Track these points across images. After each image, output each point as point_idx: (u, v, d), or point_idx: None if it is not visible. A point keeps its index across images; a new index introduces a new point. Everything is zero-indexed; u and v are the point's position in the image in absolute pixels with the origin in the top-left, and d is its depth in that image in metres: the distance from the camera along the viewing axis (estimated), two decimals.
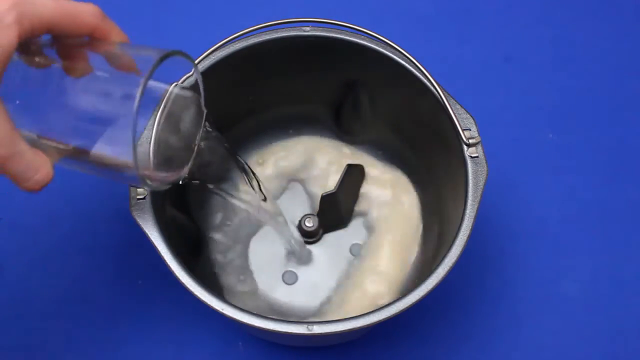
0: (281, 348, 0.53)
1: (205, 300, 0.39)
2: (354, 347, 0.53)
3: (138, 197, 0.42)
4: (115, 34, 0.36)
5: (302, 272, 0.52)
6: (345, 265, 0.52)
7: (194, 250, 0.51)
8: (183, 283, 0.40)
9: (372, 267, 0.51)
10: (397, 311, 0.39)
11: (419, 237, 0.52)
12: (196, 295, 0.39)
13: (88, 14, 0.34)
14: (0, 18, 0.31)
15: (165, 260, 0.40)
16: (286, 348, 0.53)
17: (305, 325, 0.39)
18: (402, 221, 0.53)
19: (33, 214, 0.56)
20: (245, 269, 0.52)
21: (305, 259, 0.51)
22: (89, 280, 0.54)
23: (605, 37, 0.64)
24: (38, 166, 0.33)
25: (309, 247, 0.52)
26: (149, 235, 0.41)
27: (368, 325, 0.39)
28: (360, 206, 0.53)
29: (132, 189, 0.42)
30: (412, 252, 0.52)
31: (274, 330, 0.39)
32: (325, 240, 0.53)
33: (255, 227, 0.53)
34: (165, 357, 0.52)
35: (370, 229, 0.53)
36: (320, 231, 0.53)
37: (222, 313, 0.39)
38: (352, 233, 0.53)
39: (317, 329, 0.38)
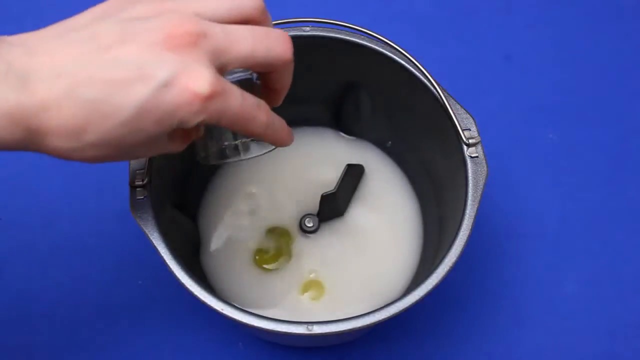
0: (281, 348, 0.53)
1: (205, 300, 0.39)
2: (354, 347, 0.53)
3: (138, 197, 0.42)
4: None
5: (301, 267, 0.52)
6: (341, 264, 0.52)
7: (194, 250, 0.51)
8: (183, 283, 0.40)
9: (371, 265, 0.51)
10: (397, 311, 0.39)
11: (418, 237, 0.52)
12: (196, 296, 0.39)
13: (281, 49, 0.34)
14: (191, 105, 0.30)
15: (165, 260, 0.40)
16: (286, 348, 0.53)
17: (305, 326, 0.39)
18: (402, 221, 0.53)
19: (33, 214, 0.56)
20: (245, 267, 0.52)
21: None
22: (89, 280, 0.54)
23: (605, 36, 0.64)
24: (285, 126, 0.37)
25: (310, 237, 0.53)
26: (149, 235, 0.41)
27: (368, 325, 0.39)
28: (359, 205, 0.53)
29: (132, 189, 0.42)
30: (412, 251, 0.52)
31: (274, 330, 0.38)
32: (323, 235, 0.53)
33: (255, 225, 0.53)
34: (165, 357, 0.52)
35: (369, 228, 0.53)
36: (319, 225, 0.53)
37: (222, 313, 0.39)
38: (350, 231, 0.53)
39: (317, 329, 0.38)
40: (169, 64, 0.29)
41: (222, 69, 0.32)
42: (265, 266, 0.51)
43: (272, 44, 0.33)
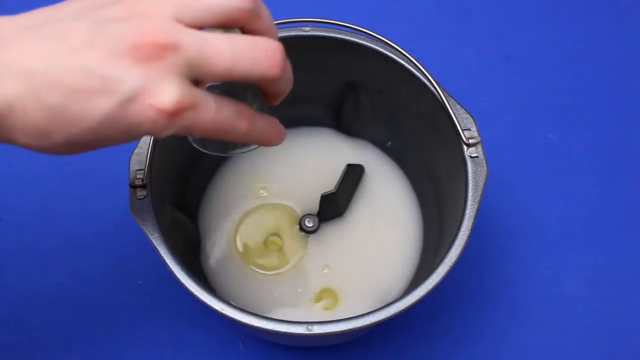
0: (281, 348, 0.53)
1: (205, 300, 0.39)
2: (354, 347, 0.53)
3: (138, 197, 0.42)
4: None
5: (300, 267, 0.52)
6: (340, 264, 0.52)
7: (194, 250, 0.51)
8: (183, 283, 0.40)
9: (370, 266, 0.51)
10: (397, 311, 0.39)
11: (418, 236, 0.53)
12: (196, 296, 0.39)
13: (266, 65, 0.30)
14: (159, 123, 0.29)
15: (165, 260, 0.40)
16: (286, 348, 0.53)
17: (305, 326, 0.39)
18: (402, 221, 0.53)
19: (33, 214, 0.56)
20: (245, 267, 0.52)
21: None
22: (89, 280, 0.54)
23: (605, 36, 0.64)
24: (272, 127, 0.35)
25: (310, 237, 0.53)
26: (149, 235, 0.41)
27: (368, 325, 0.39)
28: (359, 205, 0.53)
29: (132, 189, 0.42)
30: (412, 251, 0.52)
31: (274, 330, 0.39)
32: (323, 235, 0.53)
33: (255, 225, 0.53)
34: (165, 357, 0.52)
35: (369, 228, 0.53)
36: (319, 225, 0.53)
37: (222, 313, 0.39)
38: (350, 231, 0.53)
39: (317, 329, 0.39)
40: (132, 78, 0.28)
41: (197, 82, 0.30)
42: (260, 265, 0.51)
43: (256, 59, 0.30)
